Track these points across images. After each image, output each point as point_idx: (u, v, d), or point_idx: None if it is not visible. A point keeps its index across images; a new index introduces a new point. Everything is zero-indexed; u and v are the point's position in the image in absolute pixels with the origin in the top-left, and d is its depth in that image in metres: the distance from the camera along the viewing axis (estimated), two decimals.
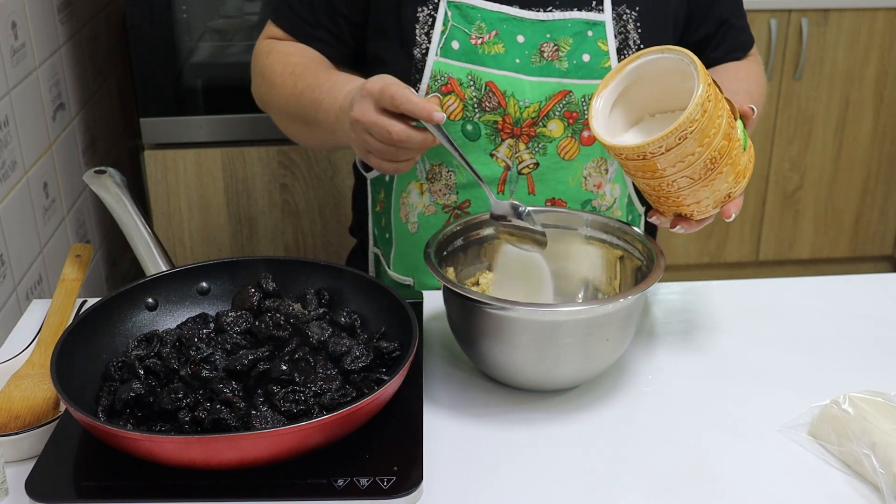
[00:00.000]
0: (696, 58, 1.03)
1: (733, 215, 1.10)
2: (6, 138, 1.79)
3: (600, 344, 1.06)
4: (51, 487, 0.91)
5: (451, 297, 1.10)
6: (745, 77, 1.39)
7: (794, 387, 1.13)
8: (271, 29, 1.38)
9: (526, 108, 1.28)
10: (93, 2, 2.40)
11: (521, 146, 1.30)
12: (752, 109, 1.12)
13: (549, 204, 1.32)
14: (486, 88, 1.27)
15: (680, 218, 1.12)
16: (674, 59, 1.05)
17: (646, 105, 1.11)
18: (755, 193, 2.87)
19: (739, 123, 1.09)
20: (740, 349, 1.20)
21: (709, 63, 1.41)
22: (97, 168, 1.28)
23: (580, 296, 1.22)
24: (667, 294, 1.33)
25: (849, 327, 1.25)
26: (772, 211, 2.90)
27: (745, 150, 1.09)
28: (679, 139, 1.00)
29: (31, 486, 0.91)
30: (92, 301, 1.25)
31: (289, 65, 1.29)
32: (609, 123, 1.09)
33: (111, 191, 1.25)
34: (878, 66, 2.76)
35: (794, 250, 2.97)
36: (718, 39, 1.40)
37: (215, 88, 2.29)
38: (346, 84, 1.19)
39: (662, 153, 1.01)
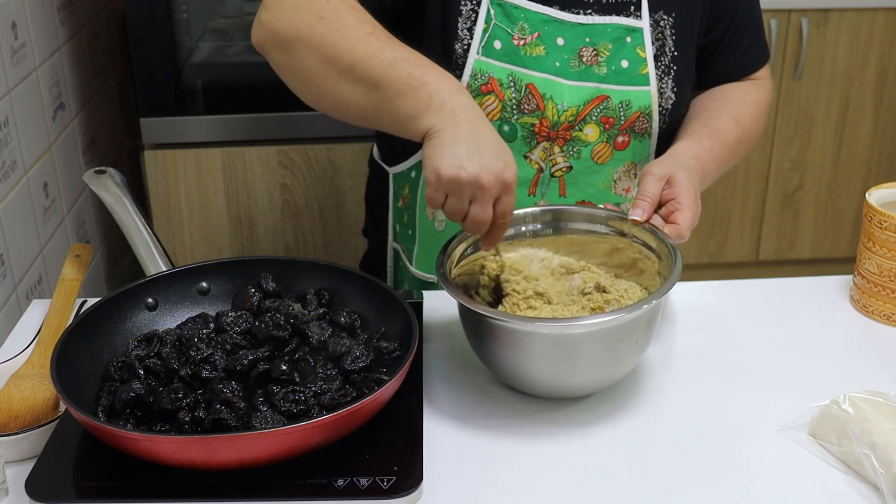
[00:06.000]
0: None
1: None
2: (6, 138, 1.79)
3: (628, 348, 1.05)
4: (51, 487, 0.91)
5: (468, 314, 1.07)
6: (738, 101, 1.36)
7: (794, 387, 1.13)
8: None
9: (564, 111, 1.27)
10: (93, 2, 2.40)
11: (556, 149, 1.30)
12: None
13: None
14: (525, 90, 1.26)
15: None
16: None
17: None
18: (755, 193, 2.87)
19: None
20: (740, 349, 1.20)
21: (707, 81, 1.39)
22: (97, 168, 1.27)
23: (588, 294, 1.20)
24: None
25: (849, 327, 1.25)
26: (772, 211, 2.90)
27: None
28: None
29: (31, 486, 0.91)
30: (92, 301, 1.25)
31: (365, 23, 1.14)
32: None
33: (111, 191, 1.25)
34: (878, 66, 2.76)
35: (794, 250, 2.97)
36: (721, 50, 1.38)
37: (215, 88, 2.29)
38: (453, 80, 1.10)
39: None
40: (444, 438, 1.03)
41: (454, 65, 1.26)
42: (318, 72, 1.14)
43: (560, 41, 1.27)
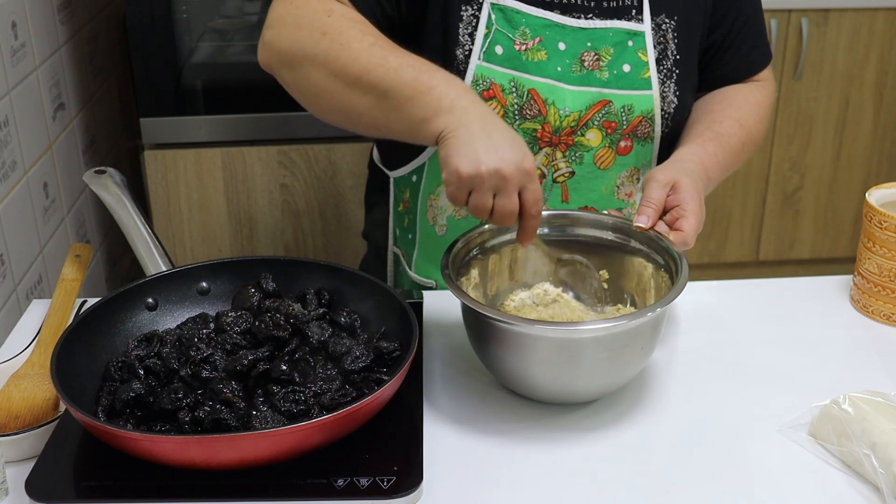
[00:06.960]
0: None
1: None
2: (6, 138, 1.79)
3: (633, 354, 1.04)
4: (51, 487, 0.92)
5: (473, 316, 1.07)
6: (742, 104, 1.36)
7: (794, 387, 1.13)
8: None
9: (566, 116, 1.27)
10: (93, 2, 2.40)
11: (559, 154, 1.29)
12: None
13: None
14: (528, 96, 1.26)
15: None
16: None
17: None
18: (755, 193, 2.87)
19: None
20: (740, 349, 1.20)
21: (710, 83, 1.39)
22: (97, 168, 1.27)
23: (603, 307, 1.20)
24: None
25: (849, 327, 1.25)
26: (772, 211, 2.90)
27: None
28: None
29: (31, 486, 0.91)
30: (92, 301, 1.25)
31: (367, 34, 1.15)
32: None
33: (111, 191, 1.25)
34: (878, 66, 2.76)
35: (794, 250, 2.97)
36: (723, 51, 1.37)
37: (215, 88, 2.29)
38: (459, 81, 1.12)
39: None
40: (444, 439, 1.03)
41: (455, 71, 1.26)
42: (327, 86, 1.14)
43: (561, 46, 1.26)
